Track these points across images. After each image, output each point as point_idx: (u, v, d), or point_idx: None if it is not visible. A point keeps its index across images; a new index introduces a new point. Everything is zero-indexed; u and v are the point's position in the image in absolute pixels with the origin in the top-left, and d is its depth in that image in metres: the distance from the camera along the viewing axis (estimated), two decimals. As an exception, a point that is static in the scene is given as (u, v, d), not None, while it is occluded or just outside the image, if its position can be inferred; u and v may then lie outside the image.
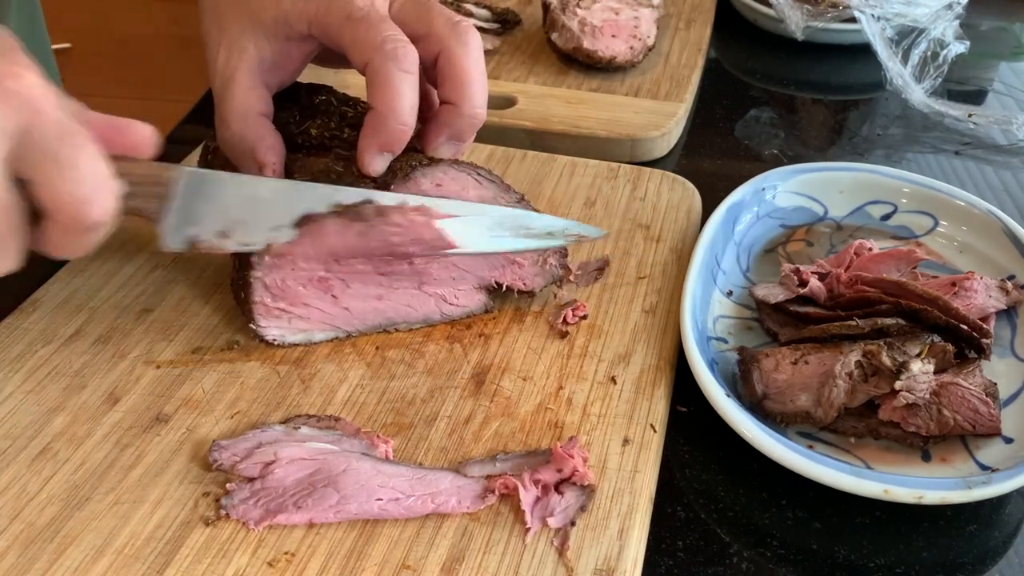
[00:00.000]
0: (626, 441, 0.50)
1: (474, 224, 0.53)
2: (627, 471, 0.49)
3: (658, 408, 0.52)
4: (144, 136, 0.45)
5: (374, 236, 0.52)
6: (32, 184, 0.40)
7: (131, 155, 0.45)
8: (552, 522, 0.46)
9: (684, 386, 0.55)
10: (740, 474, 0.51)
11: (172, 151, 0.72)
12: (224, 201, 0.49)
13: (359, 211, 0.51)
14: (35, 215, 0.42)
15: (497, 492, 0.47)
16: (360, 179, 0.51)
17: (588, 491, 0.47)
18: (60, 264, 0.61)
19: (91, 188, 0.41)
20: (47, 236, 0.42)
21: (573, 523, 0.46)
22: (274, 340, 0.55)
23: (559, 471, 0.48)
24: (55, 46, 0.81)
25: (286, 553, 0.44)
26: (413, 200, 0.52)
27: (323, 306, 0.55)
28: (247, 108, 0.52)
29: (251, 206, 0.50)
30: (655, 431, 0.51)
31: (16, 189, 0.40)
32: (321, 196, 0.50)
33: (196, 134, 0.74)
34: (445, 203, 0.52)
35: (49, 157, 0.40)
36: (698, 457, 0.53)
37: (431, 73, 0.53)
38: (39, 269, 0.60)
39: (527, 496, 0.46)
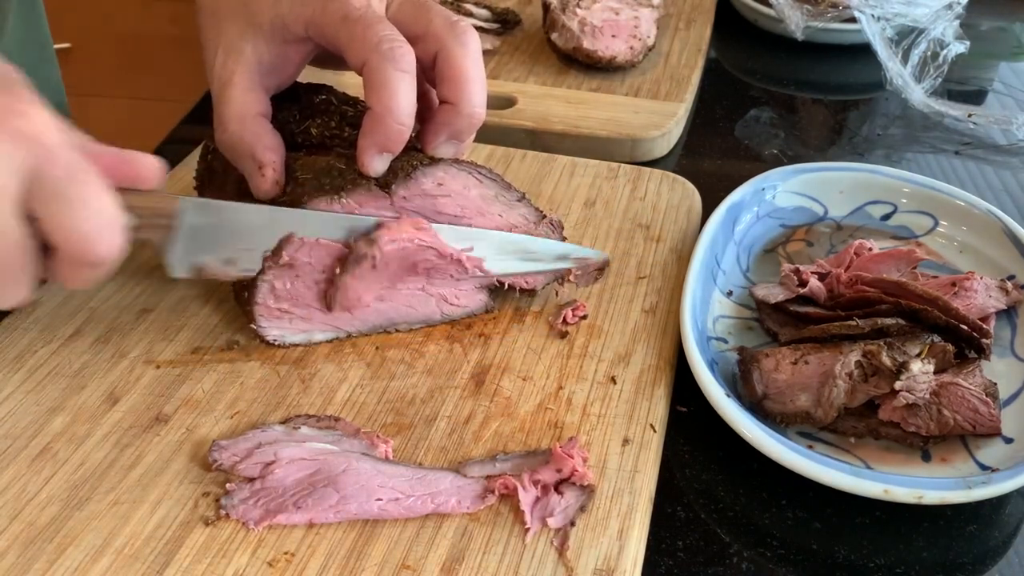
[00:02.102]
0: (626, 441, 0.50)
1: (483, 249, 0.55)
2: (627, 471, 0.49)
3: (658, 408, 0.52)
4: (151, 168, 0.45)
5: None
6: (41, 221, 0.41)
7: (138, 186, 0.45)
8: (552, 522, 0.46)
9: (684, 386, 0.55)
10: (740, 474, 0.51)
11: (172, 151, 0.73)
12: (227, 230, 0.50)
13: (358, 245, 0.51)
14: (46, 248, 0.42)
15: (497, 492, 0.47)
16: (361, 178, 0.51)
17: (588, 491, 0.47)
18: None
19: (98, 225, 0.41)
20: (57, 269, 0.43)
21: (573, 523, 0.46)
22: (275, 340, 0.55)
23: (559, 471, 0.48)
24: (55, 46, 0.80)
25: (286, 553, 0.44)
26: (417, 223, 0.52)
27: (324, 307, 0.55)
28: (244, 110, 0.52)
29: (253, 234, 0.50)
30: (655, 431, 0.51)
31: (27, 225, 0.41)
32: (329, 223, 0.51)
33: (196, 134, 0.74)
34: (449, 229, 0.53)
35: (58, 196, 0.40)
36: (698, 457, 0.53)
37: (430, 73, 0.52)
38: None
39: (527, 496, 0.46)
